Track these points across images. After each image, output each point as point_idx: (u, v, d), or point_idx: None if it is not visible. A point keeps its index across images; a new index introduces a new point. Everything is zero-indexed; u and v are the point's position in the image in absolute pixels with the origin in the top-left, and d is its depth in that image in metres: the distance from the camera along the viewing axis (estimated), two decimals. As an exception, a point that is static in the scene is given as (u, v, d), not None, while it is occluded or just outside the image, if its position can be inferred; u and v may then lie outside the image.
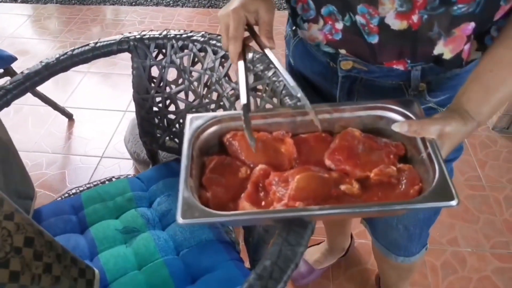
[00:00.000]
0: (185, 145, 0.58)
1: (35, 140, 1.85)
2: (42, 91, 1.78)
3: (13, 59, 1.69)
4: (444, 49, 0.58)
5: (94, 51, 0.92)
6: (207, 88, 0.93)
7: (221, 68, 0.89)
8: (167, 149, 1.08)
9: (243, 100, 0.58)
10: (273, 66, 0.61)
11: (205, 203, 0.53)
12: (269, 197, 0.54)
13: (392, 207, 0.49)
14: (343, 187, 0.54)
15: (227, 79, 0.89)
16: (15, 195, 0.88)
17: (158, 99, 1.00)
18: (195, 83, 0.94)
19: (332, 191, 0.53)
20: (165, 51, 0.94)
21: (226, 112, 0.64)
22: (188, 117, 0.62)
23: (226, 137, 0.62)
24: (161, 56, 0.96)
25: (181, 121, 1.00)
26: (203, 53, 0.91)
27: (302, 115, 0.61)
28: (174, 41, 0.92)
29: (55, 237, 0.73)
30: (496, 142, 1.78)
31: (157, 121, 1.04)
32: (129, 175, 1.10)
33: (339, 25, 0.62)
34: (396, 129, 0.56)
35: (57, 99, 1.91)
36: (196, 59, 0.92)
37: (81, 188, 1.07)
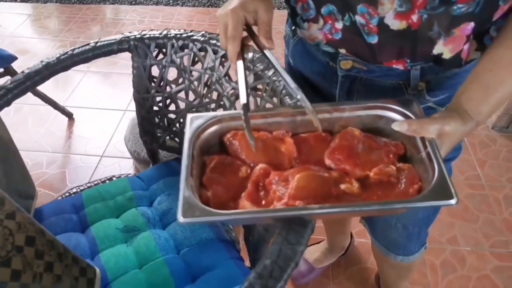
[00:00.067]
0: (185, 144, 0.59)
1: (35, 139, 1.85)
2: (42, 90, 1.78)
3: (13, 58, 1.69)
4: (443, 49, 0.58)
5: (94, 51, 0.92)
6: (207, 87, 0.94)
7: (221, 67, 0.89)
8: (167, 149, 1.09)
9: (243, 100, 0.58)
10: (272, 66, 0.61)
11: (206, 202, 0.53)
12: (269, 196, 0.54)
13: (391, 206, 0.50)
14: (343, 186, 0.54)
15: (227, 78, 0.89)
16: (16, 194, 0.89)
17: (158, 98, 1.00)
18: (195, 83, 0.94)
19: (332, 190, 0.54)
20: (165, 50, 0.94)
21: (226, 111, 0.64)
22: (188, 117, 0.62)
23: (226, 136, 0.62)
24: (161, 55, 0.96)
25: (181, 120, 1.01)
26: (203, 53, 0.91)
27: (302, 115, 0.61)
28: (174, 41, 0.92)
29: (56, 236, 0.73)
30: (495, 141, 1.78)
31: (157, 121, 1.04)
32: (130, 174, 1.10)
33: (339, 25, 0.62)
34: (395, 128, 0.57)
35: (57, 98, 1.91)
36: (196, 58, 0.92)
37: (81, 187, 1.08)
